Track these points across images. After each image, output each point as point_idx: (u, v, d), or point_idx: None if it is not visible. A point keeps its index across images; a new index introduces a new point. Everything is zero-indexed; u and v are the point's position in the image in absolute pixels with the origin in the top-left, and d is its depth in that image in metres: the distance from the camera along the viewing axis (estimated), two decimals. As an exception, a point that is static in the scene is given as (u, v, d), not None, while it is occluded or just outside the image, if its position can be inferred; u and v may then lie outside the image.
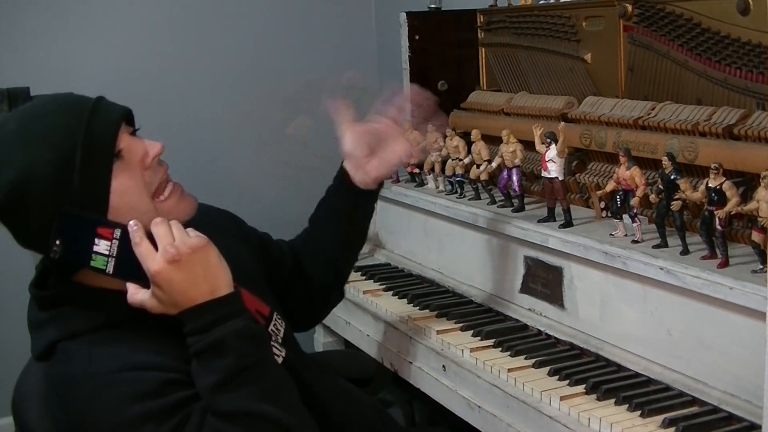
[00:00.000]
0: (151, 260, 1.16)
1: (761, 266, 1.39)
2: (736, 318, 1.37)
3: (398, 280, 2.24)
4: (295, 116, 2.02)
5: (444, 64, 2.50)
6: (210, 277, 1.18)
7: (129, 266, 1.18)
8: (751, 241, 1.45)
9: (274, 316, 1.42)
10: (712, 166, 1.49)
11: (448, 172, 2.20)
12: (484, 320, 1.88)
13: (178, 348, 1.20)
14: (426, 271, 2.25)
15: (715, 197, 1.48)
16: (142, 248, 1.17)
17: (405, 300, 2.06)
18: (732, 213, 1.48)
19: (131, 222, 1.18)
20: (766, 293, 1.28)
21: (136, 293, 1.19)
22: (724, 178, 1.49)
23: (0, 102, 2.57)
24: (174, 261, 1.15)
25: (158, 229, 1.18)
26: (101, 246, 1.17)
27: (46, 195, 1.17)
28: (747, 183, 1.56)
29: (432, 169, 2.28)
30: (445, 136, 2.18)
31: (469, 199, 2.12)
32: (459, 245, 2.12)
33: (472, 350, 1.73)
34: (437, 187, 2.28)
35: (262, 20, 3.25)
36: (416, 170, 2.36)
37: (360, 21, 3.43)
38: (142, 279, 1.18)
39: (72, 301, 1.24)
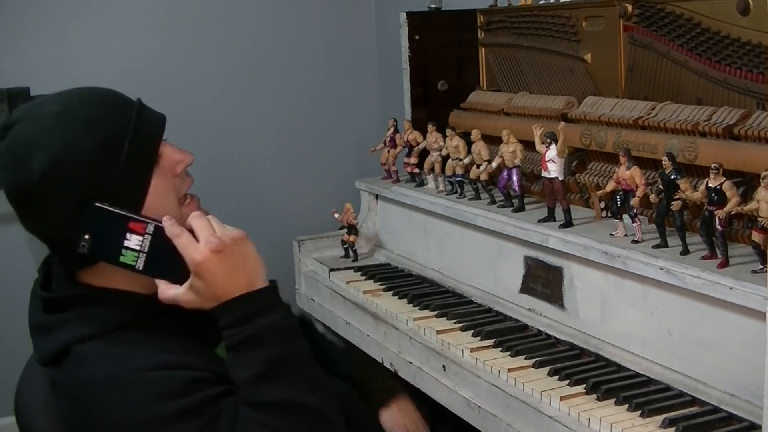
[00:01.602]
0: (194, 250, 1.15)
1: (761, 266, 1.39)
2: (736, 318, 1.37)
3: (398, 280, 2.24)
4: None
5: (444, 64, 2.50)
6: (249, 269, 1.18)
7: (159, 262, 1.17)
8: (751, 241, 1.45)
9: None
10: (712, 166, 1.49)
11: (448, 172, 2.20)
12: (484, 320, 1.88)
13: (193, 347, 1.20)
14: (426, 271, 2.25)
15: (715, 197, 1.48)
16: (183, 239, 1.16)
17: (405, 300, 2.06)
18: (732, 213, 1.48)
19: (165, 217, 1.18)
20: (766, 293, 1.28)
21: (168, 289, 1.18)
22: (724, 178, 1.49)
23: (0, 102, 2.57)
24: (217, 251, 1.15)
25: (198, 221, 1.18)
26: (132, 241, 1.16)
27: (80, 183, 1.15)
28: (747, 183, 1.56)
29: (432, 169, 2.28)
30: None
31: (469, 199, 2.12)
32: (459, 245, 2.12)
33: (472, 350, 1.73)
34: (437, 187, 2.28)
35: (262, 20, 3.25)
36: (416, 170, 2.36)
37: (360, 21, 3.43)
38: (172, 275, 1.17)
39: (82, 303, 1.22)
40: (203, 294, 1.16)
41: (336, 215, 2.43)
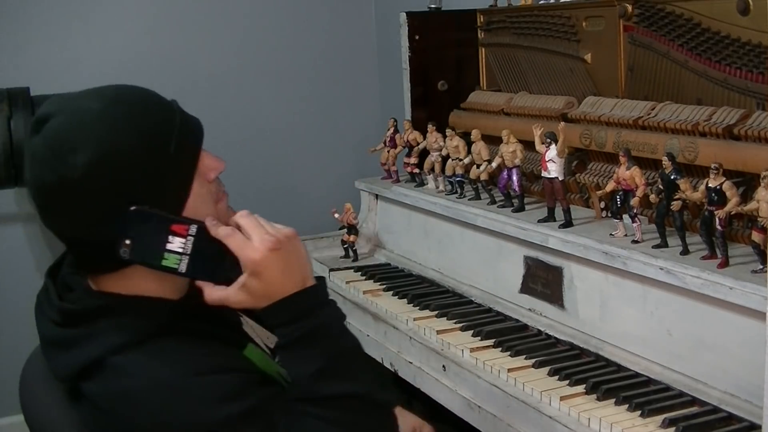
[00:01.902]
0: (251, 249, 1.12)
1: (761, 266, 1.39)
2: (736, 318, 1.37)
3: (398, 280, 2.24)
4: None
5: (444, 64, 2.51)
6: (302, 265, 1.17)
7: (201, 264, 1.14)
8: (751, 241, 1.45)
9: None
10: (712, 166, 1.49)
11: (448, 172, 2.20)
12: (484, 320, 1.88)
13: (224, 350, 1.18)
14: (426, 271, 2.25)
15: (715, 197, 1.48)
16: (236, 238, 1.13)
17: (405, 300, 2.06)
18: (732, 213, 1.48)
19: (209, 218, 1.15)
20: (766, 293, 1.28)
21: (216, 290, 1.15)
22: (724, 178, 1.49)
23: (0, 102, 2.57)
24: (275, 249, 1.12)
25: (247, 220, 1.16)
26: (175, 244, 1.12)
27: (124, 183, 1.10)
28: (747, 183, 1.56)
29: (432, 169, 2.28)
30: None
31: (469, 199, 2.12)
32: (459, 245, 2.12)
33: (472, 350, 1.73)
34: (437, 187, 2.28)
35: (262, 20, 3.25)
36: (416, 170, 2.36)
37: (360, 21, 3.43)
38: (216, 276, 1.15)
39: (111, 313, 1.15)
40: (257, 293, 1.14)
41: (336, 215, 2.44)
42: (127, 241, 1.10)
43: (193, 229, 1.13)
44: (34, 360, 1.31)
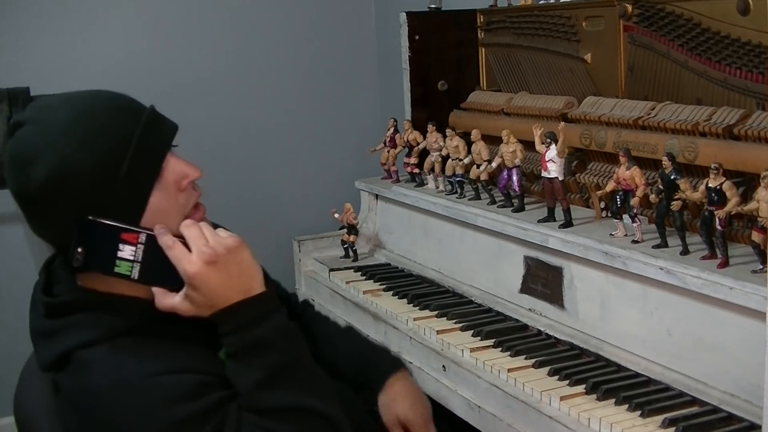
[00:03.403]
0: (188, 262, 1.13)
1: (761, 266, 1.39)
2: (736, 318, 1.37)
3: (398, 280, 2.24)
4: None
5: (444, 64, 2.51)
6: (245, 276, 1.17)
7: (155, 271, 1.16)
8: (751, 241, 1.45)
9: None
10: (712, 166, 1.49)
11: (448, 172, 2.20)
12: (484, 320, 1.88)
13: (197, 351, 1.19)
14: (426, 271, 2.25)
15: (715, 197, 1.48)
16: (176, 251, 1.14)
17: (405, 300, 2.06)
18: (732, 213, 1.48)
19: (157, 226, 1.16)
20: (766, 293, 1.28)
21: (165, 297, 1.16)
22: (724, 178, 1.49)
23: (0, 102, 2.57)
24: (211, 262, 1.13)
25: (190, 230, 1.16)
26: (126, 251, 1.15)
27: (78, 198, 1.14)
28: (747, 183, 1.56)
29: (432, 169, 2.28)
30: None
31: (469, 199, 2.12)
32: (459, 245, 2.12)
33: (472, 350, 1.73)
34: (437, 187, 2.28)
35: (262, 20, 3.25)
36: (416, 170, 2.36)
37: (360, 21, 3.43)
38: (169, 283, 1.16)
39: (86, 308, 1.19)
40: (199, 303, 1.15)
41: (336, 215, 2.44)
42: (79, 249, 1.15)
43: (143, 237, 1.16)
44: (33, 360, 1.33)
